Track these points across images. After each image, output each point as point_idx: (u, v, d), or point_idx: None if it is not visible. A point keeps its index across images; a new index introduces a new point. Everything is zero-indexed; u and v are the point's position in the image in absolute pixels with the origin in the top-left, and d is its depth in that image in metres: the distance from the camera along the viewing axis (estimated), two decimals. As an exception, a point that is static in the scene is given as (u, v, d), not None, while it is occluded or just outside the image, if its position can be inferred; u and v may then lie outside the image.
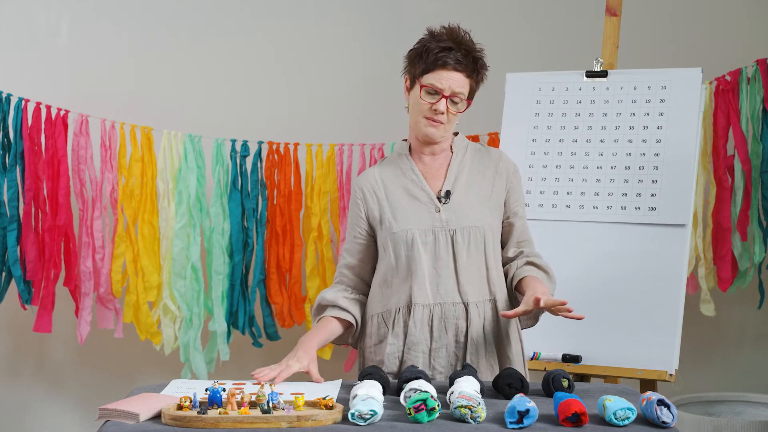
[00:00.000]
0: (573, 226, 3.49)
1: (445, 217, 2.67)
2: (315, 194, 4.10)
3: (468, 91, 2.67)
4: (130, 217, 3.99)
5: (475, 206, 2.69)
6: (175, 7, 4.40)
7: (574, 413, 2.10)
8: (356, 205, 2.76)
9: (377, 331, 2.71)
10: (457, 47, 2.63)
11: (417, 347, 2.65)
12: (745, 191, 3.85)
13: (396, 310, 2.67)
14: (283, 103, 4.45)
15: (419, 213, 2.68)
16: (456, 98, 2.64)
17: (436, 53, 2.62)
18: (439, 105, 2.62)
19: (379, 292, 2.72)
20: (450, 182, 2.71)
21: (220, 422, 2.10)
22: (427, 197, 2.69)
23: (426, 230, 2.66)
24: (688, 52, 4.33)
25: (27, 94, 3.96)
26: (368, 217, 2.74)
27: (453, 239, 2.66)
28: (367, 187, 2.75)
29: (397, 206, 2.70)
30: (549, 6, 4.47)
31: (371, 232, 2.75)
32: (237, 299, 4.08)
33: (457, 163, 2.74)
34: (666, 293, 3.32)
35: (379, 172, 2.77)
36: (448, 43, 2.63)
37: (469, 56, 2.65)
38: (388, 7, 4.43)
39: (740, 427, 3.77)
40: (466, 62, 2.64)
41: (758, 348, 4.49)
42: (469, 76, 2.65)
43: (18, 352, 4.44)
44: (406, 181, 2.73)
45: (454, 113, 2.65)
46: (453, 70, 2.62)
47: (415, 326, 2.65)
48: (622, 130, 3.50)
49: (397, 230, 2.67)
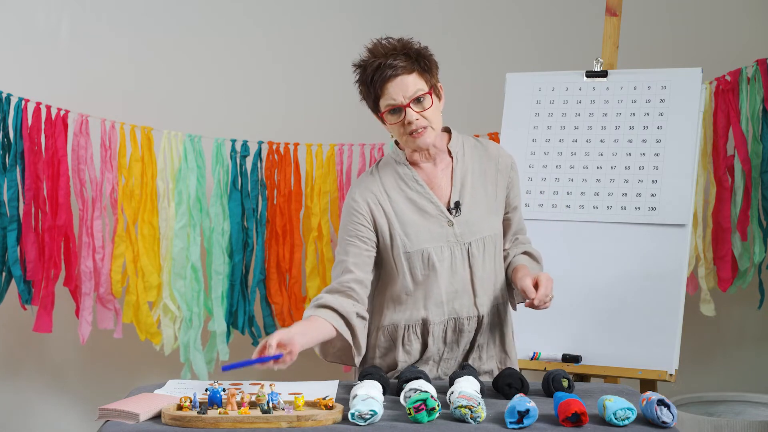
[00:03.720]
0: (573, 226, 3.49)
1: (459, 231, 2.59)
2: (315, 194, 4.09)
3: (424, 84, 2.53)
4: (130, 217, 3.99)
5: (484, 215, 2.63)
6: (175, 8, 4.39)
7: (574, 413, 2.10)
8: (361, 217, 2.59)
9: (384, 344, 2.65)
10: (383, 58, 2.52)
11: (429, 359, 2.63)
12: (745, 191, 3.85)
13: (406, 327, 2.61)
14: (283, 103, 4.45)
15: (431, 229, 2.58)
16: (417, 97, 2.51)
17: (372, 77, 2.53)
18: (408, 115, 2.51)
19: (386, 306, 2.63)
20: (457, 191, 2.62)
21: (220, 422, 2.10)
22: (437, 210, 2.60)
23: (441, 246, 2.58)
24: (688, 52, 4.33)
25: (27, 94, 3.96)
26: (377, 231, 2.60)
27: (469, 252, 2.60)
28: (372, 199, 2.60)
29: (407, 222, 2.59)
30: (549, 6, 4.47)
31: (378, 244, 2.62)
32: (237, 299, 4.08)
33: (460, 168, 2.64)
34: (666, 293, 3.32)
35: (380, 182, 2.63)
36: (375, 61, 2.53)
37: (398, 56, 2.51)
38: (388, 7, 4.42)
39: (740, 427, 3.77)
40: (399, 62, 2.51)
41: (758, 348, 4.49)
42: (411, 70, 2.52)
43: (18, 352, 4.44)
44: (411, 192, 2.62)
45: (424, 110, 2.52)
46: (394, 78, 2.50)
47: (434, 343, 2.61)
48: (622, 130, 3.50)
49: (412, 249, 2.57)
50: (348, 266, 2.57)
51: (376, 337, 2.66)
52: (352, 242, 2.58)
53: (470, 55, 4.39)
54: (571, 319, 3.41)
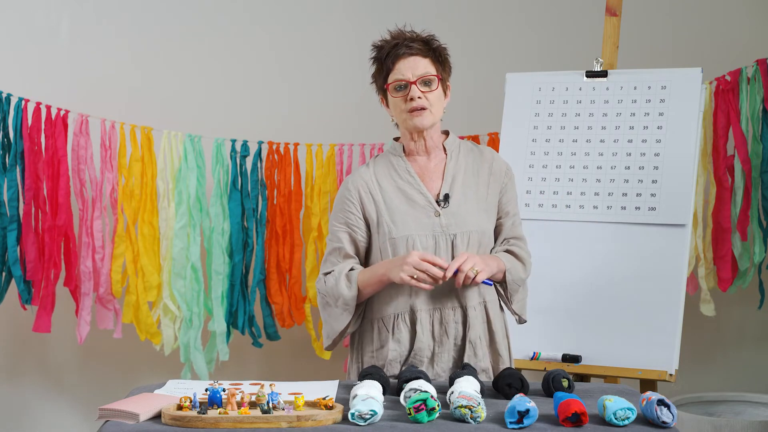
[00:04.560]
0: (573, 226, 3.49)
1: (445, 222, 2.66)
2: (315, 194, 4.10)
3: (434, 70, 2.65)
4: (130, 217, 3.99)
5: (472, 210, 2.69)
6: (176, 7, 4.40)
7: (574, 413, 2.10)
8: (351, 205, 2.70)
9: (378, 337, 2.69)
10: (403, 40, 2.65)
11: (421, 352, 2.65)
12: (745, 191, 3.85)
13: (395, 316, 2.66)
14: (283, 103, 4.45)
15: (418, 217, 2.66)
16: (425, 78, 2.63)
17: (388, 52, 2.65)
18: (412, 91, 2.62)
19: (375, 297, 2.69)
20: (447, 185, 2.70)
21: (220, 422, 2.10)
22: (425, 200, 2.68)
23: (426, 235, 2.65)
24: (688, 52, 4.33)
25: (27, 94, 3.96)
26: (366, 218, 2.70)
27: (453, 243, 2.65)
28: (363, 187, 2.71)
29: (395, 210, 2.67)
30: (549, 6, 4.47)
31: (369, 233, 2.72)
32: (237, 299, 4.08)
33: (453, 164, 2.73)
34: (666, 293, 3.32)
35: (373, 172, 2.74)
36: (394, 41, 2.66)
37: (418, 40, 2.66)
38: (388, 7, 4.43)
39: (740, 427, 3.77)
40: (417, 46, 2.64)
41: (758, 348, 4.49)
42: (426, 56, 2.65)
43: (18, 352, 4.44)
44: (402, 182, 2.71)
45: (430, 91, 2.63)
46: (408, 56, 2.63)
47: (423, 332, 2.64)
48: (622, 130, 3.50)
49: (397, 236, 2.65)
50: (347, 251, 2.70)
51: (370, 330, 2.71)
52: (343, 228, 2.70)
53: (470, 55, 4.39)
54: (571, 319, 3.41)
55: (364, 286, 2.64)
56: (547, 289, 3.41)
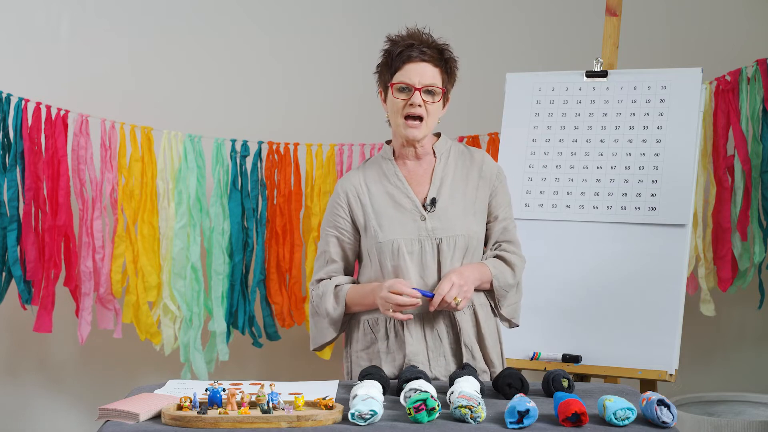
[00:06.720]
0: (573, 226, 3.49)
1: (431, 226, 2.66)
2: (315, 194, 4.10)
3: (440, 82, 2.65)
4: (130, 217, 3.99)
5: (459, 214, 2.68)
6: (175, 8, 4.40)
7: (574, 413, 2.10)
8: (340, 209, 2.72)
9: (363, 337, 2.71)
10: (418, 42, 2.64)
11: (416, 358, 2.64)
12: (745, 191, 3.85)
13: (386, 319, 2.66)
14: (283, 103, 4.45)
15: (404, 222, 2.66)
16: (430, 88, 2.62)
17: (400, 51, 2.63)
18: (414, 98, 2.61)
19: None
20: (435, 189, 2.69)
21: (220, 422, 2.10)
22: (412, 205, 2.68)
23: (412, 239, 2.65)
24: (688, 52, 4.33)
25: (27, 94, 3.96)
26: (354, 222, 2.71)
27: (439, 248, 2.65)
28: (352, 191, 2.72)
29: (382, 214, 2.67)
30: (549, 6, 4.47)
31: (359, 236, 2.73)
32: (237, 299, 4.08)
33: (441, 168, 2.72)
34: (666, 293, 3.32)
35: (363, 176, 2.74)
36: (410, 41, 2.64)
37: (433, 48, 2.64)
38: (389, 8, 4.43)
39: (740, 427, 3.77)
40: (430, 53, 2.63)
41: (758, 348, 4.49)
42: (437, 65, 2.64)
43: (18, 352, 4.44)
44: (390, 186, 2.71)
45: (432, 102, 2.63)
46: (419, 62, 2.62)
47: (411, 337, 2.64)
48: (622, 130, 3.50)
49: (383, 240, 2.65)
50: (332, 257, 2.73)
51: (357, 329, 2.71)
52: (332, 233, 2.73)
53: (470, 55, 4.37)
54: (571, 319, 3.41)
55: (353, 304, 2.68)
56: (547, 289, 3.41)
